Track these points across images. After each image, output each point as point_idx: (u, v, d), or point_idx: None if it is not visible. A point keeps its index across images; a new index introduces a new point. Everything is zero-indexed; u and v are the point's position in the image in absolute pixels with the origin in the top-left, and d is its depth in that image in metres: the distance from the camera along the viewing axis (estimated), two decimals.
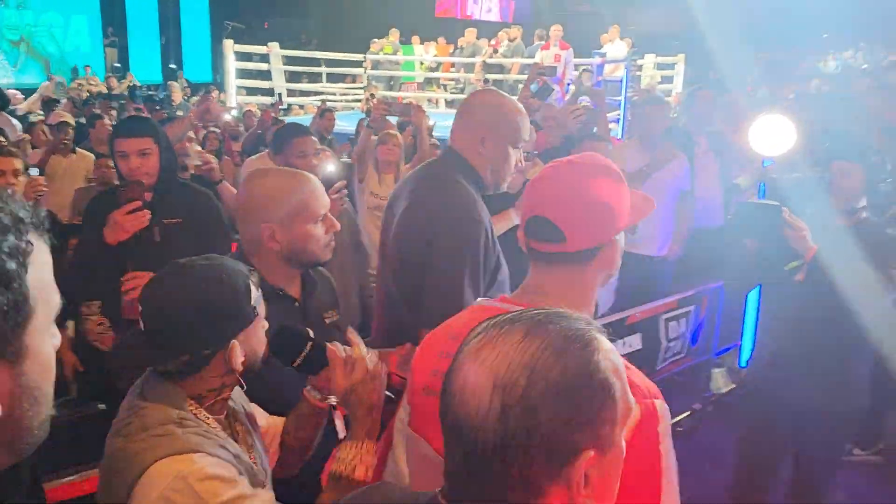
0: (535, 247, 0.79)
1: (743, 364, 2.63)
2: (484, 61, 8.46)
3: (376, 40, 8.93)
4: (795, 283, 1.55)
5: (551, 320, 0.43)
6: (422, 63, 9.43)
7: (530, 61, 7.74)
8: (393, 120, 3.90)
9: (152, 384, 0.78)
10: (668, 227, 2.89)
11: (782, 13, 9.13)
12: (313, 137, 2.28)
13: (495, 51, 8.79)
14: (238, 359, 0.77)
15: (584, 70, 7.72)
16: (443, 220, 1.26)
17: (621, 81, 7.48)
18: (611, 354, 0.44)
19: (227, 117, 5.27)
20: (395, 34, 9.12)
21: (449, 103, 8.55)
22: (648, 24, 9.05)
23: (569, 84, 7.37)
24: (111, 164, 2.11)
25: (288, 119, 5.21)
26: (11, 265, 0.32)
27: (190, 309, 0.75)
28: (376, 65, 8.80)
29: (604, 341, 0.44)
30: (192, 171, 2.66)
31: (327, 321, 1.20)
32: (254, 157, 2.84)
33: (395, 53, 9.07)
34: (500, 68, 8.53)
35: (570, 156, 1.01)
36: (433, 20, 10.60)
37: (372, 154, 3.10)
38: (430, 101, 8.78)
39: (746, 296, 2.39)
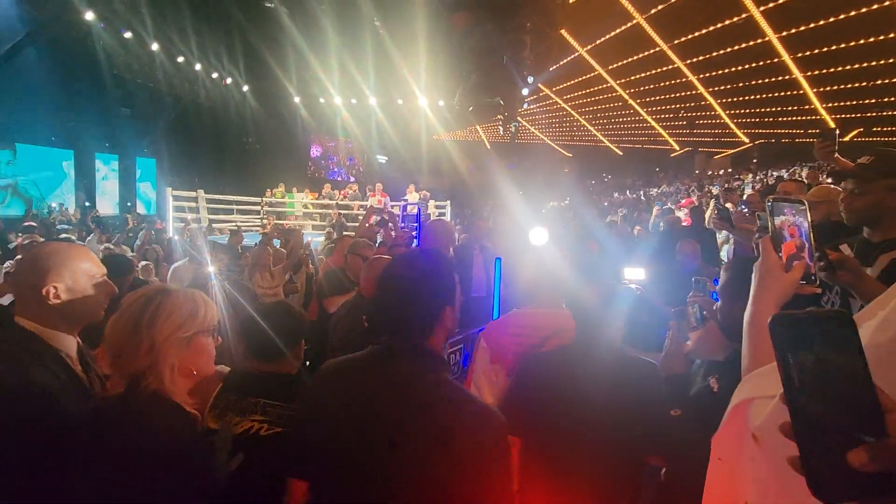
0: None
1: None
2: (336, 203, 14.27)
3: (269, 189, 14.46)
4: None
5: None
6: (304, 205, 15.03)
7: (366, 203, 13.76)
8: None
9: None
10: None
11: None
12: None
13: (344, 197, 14.71)
14: None
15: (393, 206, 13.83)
16: None
17: (417, 214, 13.72)
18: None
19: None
20: (282, 186, 14.78)
21: (314, 227, 14.01)
22: (430, 184, 15.83)
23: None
24: None
25: (210, 237, 10.01)
26: None
27: None
28: (270, 204, 14.21)
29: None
30: None
31: None
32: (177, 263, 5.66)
33: (283, 197, 14.62)
34: (347, 207, 14.36)
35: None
36: (306, 177, 16.68)
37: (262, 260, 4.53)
38: (301, 226, 14.21)
39: None
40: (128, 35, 13.56)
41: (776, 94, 17.03)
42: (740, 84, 17.04)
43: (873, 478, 0.41)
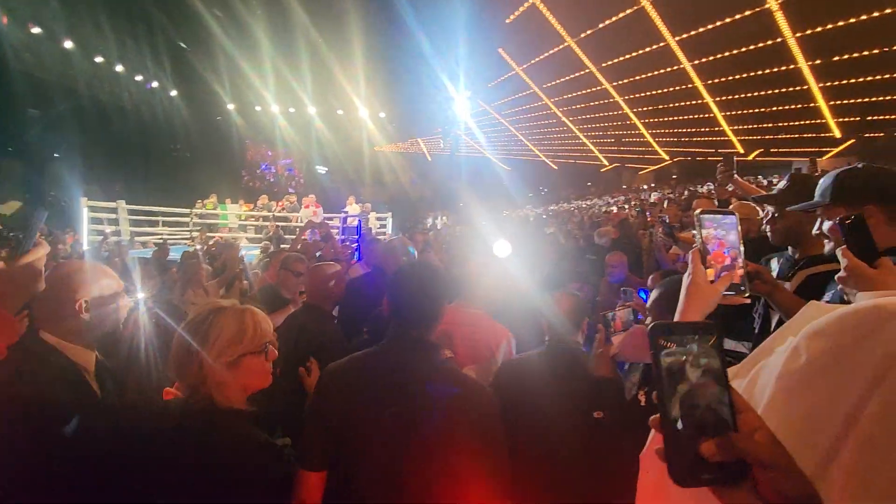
0: None
1: None
2: (274, 215, 13.80)
3: (200, 200, 13.72)
4: None
5: None
6: (238, 216, 14.36)
7: (302, 214, 13.41)
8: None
9: None
10: None
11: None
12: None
13: (282, 209, 14.25)
14: None
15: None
16: None
17: (358, 227, 13.56)
18: None
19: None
20: (213, 196, 14.07)
21: (250, 240, 13.43)
22: (372, 196, 15.77)
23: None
24: None
25: (132, 251, 9.32)
26: None
27: None
28: (200, 216, 13.47)
29: None
30: None
31: None
32: None
33: (214, 209, 13.90)
34: (286, 219, 13.92)
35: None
36: (241, 188, 16.02)
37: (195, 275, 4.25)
38: (236, 239, 13.58)
39: None
40: (36, 30, 12.45)
41: (690, 117, 18.64)
42: (660, 106, 18.50)
43: (721, 466, 0.48)
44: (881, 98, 13.96)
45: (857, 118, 15.47)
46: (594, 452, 1.55)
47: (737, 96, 16.29)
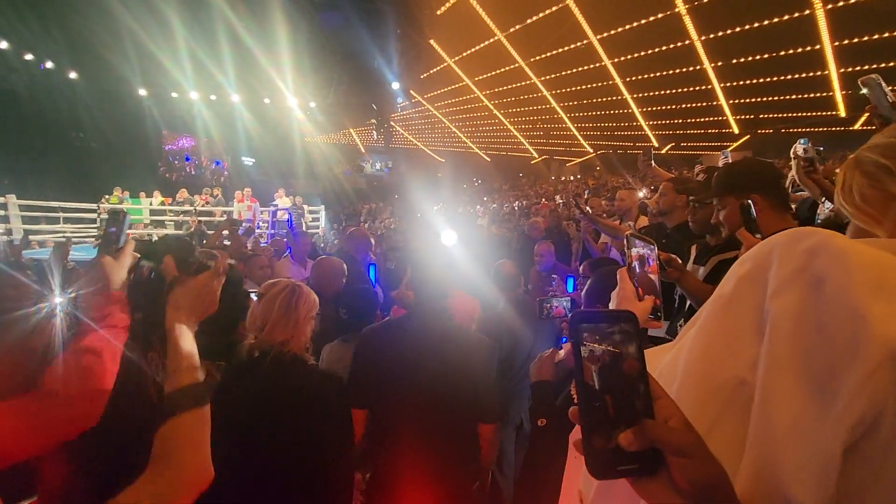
0: None
1: None
2: (196, 209, 12.93)
3: (106, 196, 12.58)
4: None
5: None
6: (153, 211, 13.30)
7: (230, 209, 12.68)
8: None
9: None
10: None
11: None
12: None
13: (205, 203, 13.40)
14: None
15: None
16: None
17: (289, 220, 13.05)
18: None
19: None
20: (117, 190, 12.95)
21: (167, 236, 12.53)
22: (303, 188, 15.29)
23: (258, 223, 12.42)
24: None
25: (27, 252, 8.33)
26: None
27: None
28: (109, 211, 12.36)
29: None
30: None
31: None
32: None
33: (120, 203, 12.79)
34: (209, 213, 13.10)
35: None
36: (157, 180, 14.86)
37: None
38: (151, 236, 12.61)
39: None
40: None
41: (612, 112, 19.76)
42: (584, 101, 19.43)
43: (639, 456, 0.47)
44: (771, 98, 15.61)
45: (751, 116, 17.20)
46: (536, 460, 1.57)
47: (652, 93, 17.49)
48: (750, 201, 1.64)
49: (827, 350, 0.49)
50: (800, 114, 15.79)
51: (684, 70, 15.27)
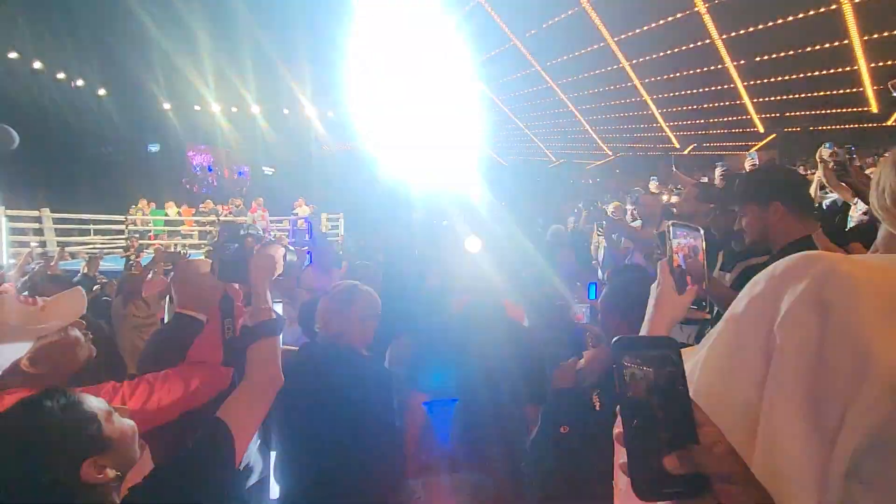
0: None
1: None
2: (219, 219, 13.22)
3: (133, 206, 12.93)
4: None
5: None
6: (178, 222, 13.65)
7: (247, 219, 12.93)
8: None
9: None
10: None
11: None
12: None
13: (228, 213, 13.68)
14: None
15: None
16: None
17: (309, 229, 13.20)
18: None
19: None
20: (143, 201, 13.31)
21: (191, 246, 12.82)
22: (322, 196, 15.47)
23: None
24: None
25: (61, 263, 8.60)
26: None
27: None
28: (137, 223, 12.69)
29: None
30: None
31: None
32: None
33: (145, 214, 13.16)
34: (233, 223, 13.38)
35: None
36: (181, 192, 15.22)
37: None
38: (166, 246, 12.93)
39: None
40: None
41: (631, 114, 19.50)
42: (602, 103, 19.23)
43: (684, 480, 0.48)
44: (797, 95, 15.19)
45: (777, 114, 16.76)
46: (563, 468, 1.56)
47: (671, 94, 17.21)
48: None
49: (832, 380, 0.50)
50: (829, 111, 15.33)
51: (705, 69, 14.99)
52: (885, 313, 0.50)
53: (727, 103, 16.54)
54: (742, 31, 13.05)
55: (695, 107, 17.56)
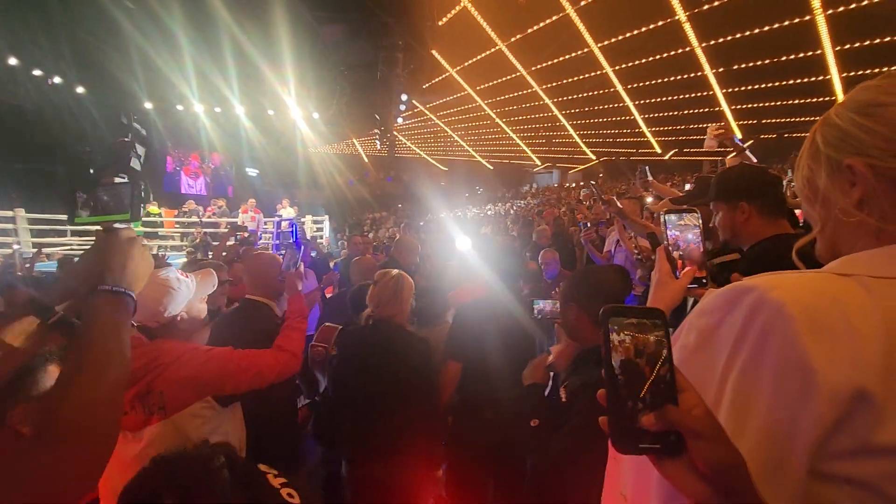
0: None
1: None
2: (202, 220, 13.00)
3: None
4: None
5: None
6: (157, 223, 13.36)
7: (234, 219, 12.73)
8: None
9: None
10: None
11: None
12: None
13: (211, 214, 13.47)
14: None
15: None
16: None
17: (293, 230, 13.06)
18: None
19: None
20: None
21: (172, 247, 12.58)
22: (307, 198, 15.36)
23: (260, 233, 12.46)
24: None
25: (38, 264, 8.38)
26: None
27: None
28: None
29: None
30: None
31: None
32: None
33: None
34: (214, 225, 13.16)
35: None
36: (162, 192, 14.96)
37: None
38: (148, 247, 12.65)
39: None
40: None
41: (614, 119, 19.82)
42: (585, 108, 19.50)
43: (661, 437, 0.51)
44: (773, 103, 15.62)
45: (755, 121, 17.21)
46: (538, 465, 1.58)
47: (653, 100, 17.54)
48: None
49: (784, 403, 0.55)
50: (803, 118, 15.79)
51: (685, 76, 15.33)
52: (818, 330, 0.54)
53: (706, 110, 16.93)
54: (721, 40, 13.38)
55: (676, 113, 17.93)
